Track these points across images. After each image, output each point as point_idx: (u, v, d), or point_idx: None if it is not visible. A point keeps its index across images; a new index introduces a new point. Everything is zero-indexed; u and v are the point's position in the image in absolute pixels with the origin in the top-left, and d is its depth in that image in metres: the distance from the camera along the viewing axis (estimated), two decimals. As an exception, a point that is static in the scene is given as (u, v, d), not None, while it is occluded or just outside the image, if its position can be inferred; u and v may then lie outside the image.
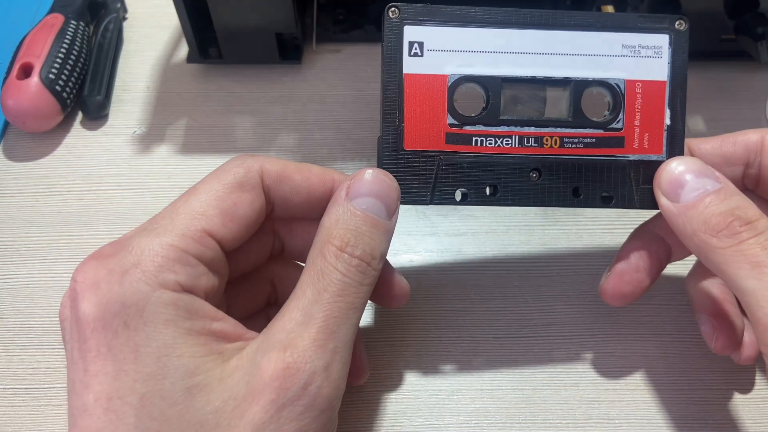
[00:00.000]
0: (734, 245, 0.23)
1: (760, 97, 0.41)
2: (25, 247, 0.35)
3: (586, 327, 0.32)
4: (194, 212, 0.23)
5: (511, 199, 0.26)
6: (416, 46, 0.25)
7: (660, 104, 0.26)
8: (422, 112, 0.26)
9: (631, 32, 0.26)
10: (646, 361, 0.31)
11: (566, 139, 0.26)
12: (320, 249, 0.24)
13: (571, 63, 0.26)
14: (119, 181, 0.38)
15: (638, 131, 0.26)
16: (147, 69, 0.43)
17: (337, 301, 0.23)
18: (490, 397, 0.30)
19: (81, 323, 0.22)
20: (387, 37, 0.25)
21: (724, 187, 0.24)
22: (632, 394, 0.30)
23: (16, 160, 0.39)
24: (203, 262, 0.23)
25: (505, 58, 0.26)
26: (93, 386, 0.21)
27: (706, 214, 0.24)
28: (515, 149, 0.26)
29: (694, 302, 0.30)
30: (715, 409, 0.30)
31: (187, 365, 0.21)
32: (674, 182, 0.25)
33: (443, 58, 0.26)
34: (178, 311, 0.22)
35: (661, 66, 0.26)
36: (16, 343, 0.32)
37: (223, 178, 0.24)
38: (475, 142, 0.26)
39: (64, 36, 0.39)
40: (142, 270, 0.22)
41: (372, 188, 0.25)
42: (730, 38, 0.40)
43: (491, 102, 0.26)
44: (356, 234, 0.24)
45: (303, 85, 0.42)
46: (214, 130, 0.40)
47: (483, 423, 0.30)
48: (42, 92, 0.38)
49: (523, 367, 0.31)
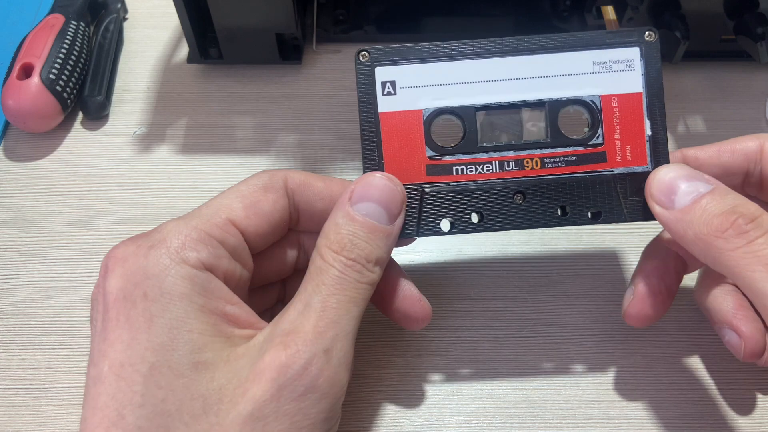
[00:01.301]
0: (744, 245, 0.22)
1: (760, 97, 0.41)
2: (26, 247, 0.35)
3: (586, 327, 0.32)
4: (220, 204, 0.25)
5: (498, 224, 0.26)
6: (388, 85, 0.26)
7: (639, 116, 0.26)
8: (401, 147, 0.26)
9: (600, 49, 0.26)
10: (646, 361, 0.31)
11: (547, 160, 0.26)
12: (319, 251, 0.25)
13: (544, 85, 0.26)
14: (120, 182, 0.38)
15: (619, 144, 0.26)
16: (147, 69, 0.43)
17: (334, 293, 0.24)
18: (490, 397, 0.30)
19: (106, 294, 0.23)
20: (360, 79, 0.26)
21: (716, 188, 0.24)
22: (632, 394, 0.30)
23: (16, 160, 0.39)
24: (225, 247, 0.25)
25: (478, 88, 0.26)
26: (108, 354, 0.22)
27: (706, 216, 0.23)
28: (496, 174, 0.26)
29: (710, 315, 0.29)
30: (715, 409, 0.30)
31: (195, 341, 0.22)
32: (666, 189, 0.25)
33: (416, 94, 0.26)
34: (194, 287, 0.23)
35: (635, 78, 0.26)
36: (16, 343, 0.32)
37: (249, 181, 0.26)
38: (456, 171, 0.27)
39: (65, 36, 0.40)
40: (167, 246, 0.23)
41: (374, 193, 0.25)
42: (730, 38, 0.40)
43: (468, 131, 0.26)
44: (352, 239, 0.24)
45: (303, 86, 0.42)
46: (214, 131, 0.40)
47: (483, 423, 0.30)
48: (42, 92, 0.38)
49: (523, 367, 0.31)
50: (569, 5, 0.45)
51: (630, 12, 0.40)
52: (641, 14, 0.39)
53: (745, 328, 0.27)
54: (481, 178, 0.26)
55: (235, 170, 0.38)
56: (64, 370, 0.31)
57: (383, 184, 0.25)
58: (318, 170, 0.38)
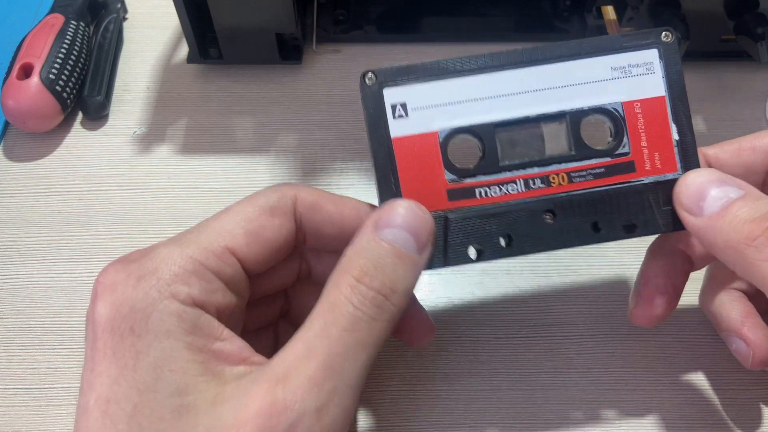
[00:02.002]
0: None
1: (760, 97, 0.41)
2: (25, 247, 0.35)
3: (586, 327, 0.32)
4: (221, 229, 0.23)
5: (529, 247, 0.25)
6: (399, 107, 0.24)
7: (664, 120, 0.25)
8: (418, 173, 0.24)
9: (617, 53, 0.25)
10: (646, 362, 0.31)
11: (574, 174, 0.25)
12: (336, 279, 0.22)
13: (563, 95, 0.25)
14: (119, 182, 0.38)
15: (647, 152, 0.25)
16: (147, 69, 0.43)
17: (344, 336, 0.21)
18: (490, 397, 0.30)
19: (95, 323, 0.22)
20: (367, 104, 0.24)
21: (749, 193, 0.23)
22: (632, 395, 0.30)
23: (16, 160, 0.39)
24: (221, 279, 0.23)
25: (494, 103, 0.25)
26: (95, 387, 0.21)
27: (736, 223, 0.22)
28: (522, 194, 0.25)
29: (717, 321, 0.29)
30: (715, 409, 0.30)
31: (179, 382, 0.21)
32: (694, 195, 0.24)
33: (430, 115, 0.25)
34: (181, 323, 0.21)
35: (656, 81, 0.25)
36: (16, 344, 0.32)
37: (255, 201, 0.24)
38: (479, 194, 0.25)
39: (65, 36, 0.39)
40: (158, 277, 0.22)
41: (403, 220, 0.23)
42: (730, 38, 0.40)
43: (487, 149, 0.25)
44: (377, 264, 0.22)
45: (303, 86, 0.42)
46: (214, 131, 0.40)
47: (483, 423, 0.30)
48: (42, 92, 0.38)
49: (523, 367, 0.31)
50: (569, 5, 0.45)
51: (630, 12, 0.40)
52: (641, 14, 0.39)
53: (753, 337, 0.27)
54: (507, 199, 0.25)
55: (235, 170, 0.38)
56: (64, 370, 0.31)
57: (411, 210, 0.23)
58: (318, 170, 0.38)
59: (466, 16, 0.45)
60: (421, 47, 0.44)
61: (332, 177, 0.38)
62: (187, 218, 0.36)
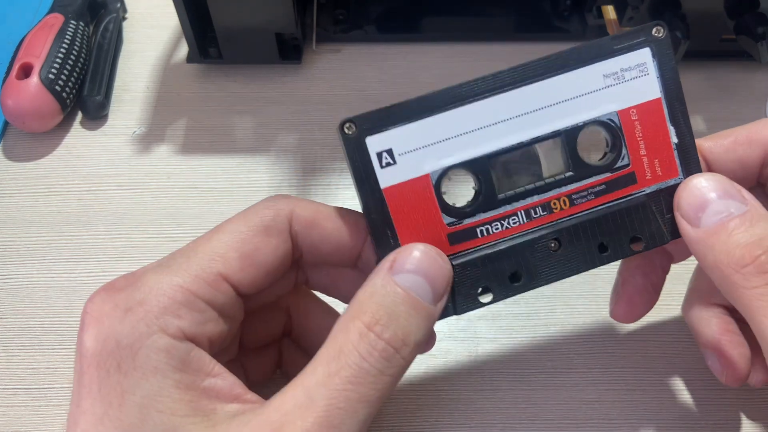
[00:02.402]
0: (762, 286, 0.20)
1: (760, 97, 0.41)
2: (25, 247, 0.35)
3: (586, 327, 0.32)
4: (213, 253, 0.22)
5: (541, 280, 0.23)
6: (386, 155, 0.22)
7: (662, 124, 0.24)
8: (415, 222, 0.23)
9: (608, 58, 0.23)
10: (646, 361, 0.31)
11: (575, 196, 0.24)
12: (345, 323, 0.21)
13: (555, 114, 0.23)
14: (119, 181, 0.38)
15: (647, 160, 0.24)
16: (147, 69, 0.43)
17: (347, 389, 0.20)
18: (490, 397, 0.30)
19: (82, 356, 0.21)
20: (351, 155, 0.22)
21: (750, 210, 0.22)
22: (632, 395, 0.30)
23: (15, 160, 0.39)
24: (214, 307, 0.22)
25: (484, 134, 0.23)
26: (80, 424, 0.20)
27: (729, 244, 0.21)
28: (525, 225, 0.23)
29: (696, 335, 0.28)
30: (715, 410, 0.30)
31: (165, 423, 0.20)
32: (695, 204, 0.23)
33: (418, 157, 0.23)
34: (170, 360, 0.20)
35: (651, 83, 0.23)
36: (16, 343, 0.32)
37: (249, 219, 0.23)
38: (481, 233, 0.23)
39: (64, 36, 0.39)
40: (146, 310, 0.21)
41: (420, 265, 0.22)
42: (730, 38, 0.40)
43: (484, 184, 0.23)
44: (390, 312, 0.21)
45: (303, 85, 0.42)
46: (214, 130, 0.40)
47: (483, 423, 0.30)
48: (42, 92, 0.37)
49: (523, 367, 0.31)
50: (569, 5, 0.44)
51: (630, 11, 0.40)
52: (641, 14, 0.39)
53: (729, 354, 0.27)
54: (510, 233, 0.23)
55: (235, 170, 0.38)
56: (63, 370, 0.31)
57: (431, 257, 0.22)
58: (318, 170, 0.38)
59: (466, 16, 0.45)
60: (421, 47, 0.44)
61: (332, 177, 0.38)
62: (187, 218, 0.36)
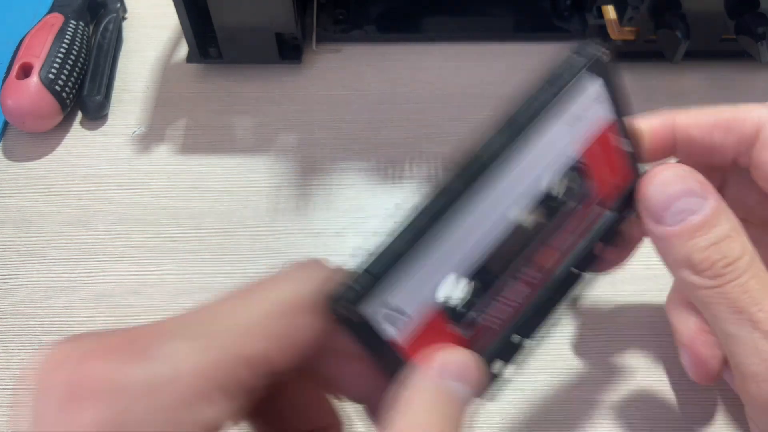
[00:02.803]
0: (717, 287, 0.21)
1: (760, 97, 0.41)
2: (25, 247, 0.35)
3: (586, 327, 0.32)
4: (248, 327, 0.17)
5: (548, 330, 0.24)
6: (394, 316, 0.19)
7: (617, 140, 0.23)
8: (429, 344, 0.20)
9: (563, 106, 0.21)
10: (647, 362, 0.31)
11: (560, 245, 0.23)
12: None
13: (531, 186, 0.21)
14: (119, 181, 0.38)
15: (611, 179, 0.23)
16: (147, 69, 0.43)
17: None
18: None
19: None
20: (359, 336, 0.19)
21: (712, 211, 0.22)
22: (632, 395, 0.30)
23: (15, 160, 0.39)
24: (245, 391, 0.17)
25: (473, 245, 0.21)
26: None
27: (689, 247, 0.22)
28: (529, 297, 0.23)
29: (673, 331, 0.29)
30: (715, 410, 0.30)
31: None
32: (659, 202, 0.22)
33: (423, 299, 0.20)
34: None
35: (605, 108, 0.22)
36: (15, 343, 0.32)
37: (286, 287, 0.19)
38: (483, 320, 0.22)
39: (64, 36, 0.39)
40: (178, 391, 0.15)
41: (463, 376, 0.20)
42: (730, 38, 0.40)
43: (482, 282, 0.21)
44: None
45: (303, 85, 0.42)
46: (214, 130, 0.40)
47: (483, 423, 0.30)
48: (41, 92, 0.37)
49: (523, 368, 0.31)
50: (569, 5, 0.44)
51: (630, 11, 0.40)
52: (641, 14, 0.39)
53: (701, 353, 0.27)
54: (520, 309, 0.23)
55: (235, 170, 0.38)
56: (63, 371, 0.31)
57: (473, 369, 0.20)
58: (318, 170, 0.38)
59: (466, 16, 0.45)
60: (421, 47, 0.44)
61: (332, 177, 0.38)
62: (187, 218, 0.36)
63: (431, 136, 0.40)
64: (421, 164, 0.38)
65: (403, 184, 0.37)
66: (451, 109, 0.41)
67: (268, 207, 0.37)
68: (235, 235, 0.35)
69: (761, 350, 0.21)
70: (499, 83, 0.42)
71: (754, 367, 0.21)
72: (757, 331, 0.21)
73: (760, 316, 0.21)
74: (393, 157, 0.39)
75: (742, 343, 0.21)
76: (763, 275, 0.21)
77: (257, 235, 0.35)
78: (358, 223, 0.36)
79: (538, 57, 0.43)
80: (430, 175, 0.38)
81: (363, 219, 0.36)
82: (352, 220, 0.36)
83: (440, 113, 0.41)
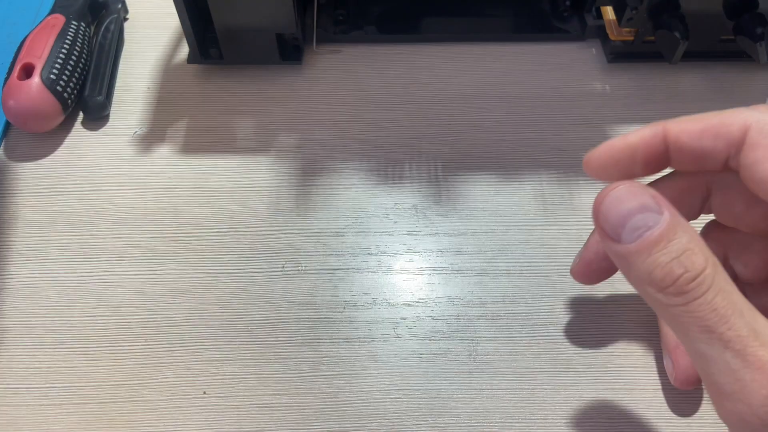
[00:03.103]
0: (682, 305, 0.21)
1: (760, 98, 0.41)
2: (26, 247, 0.35)
3: (586, 327, 0.32)
4: None
5: None
6: None
7: None
8: None
9: None
10: (646, 362, 0.31)
11: None
12: None
13: None
14: (120, 182, 0.38)
15: None
16: (148, 69, 0.43)
17: None
18: (490, 396, 0.30)
19: None
20: None
21: (666, 227, 0.21)
22: (632, 394, 0.30)
23: (17, 160, 0.39)
24: None
25: None
26: None
27: (649, 264, 0.21)
28: None
29: (660, 336, 0.30)
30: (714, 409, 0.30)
31: None
32: (614, 220, 0.22)
33: None
34: None
35: None
36: (16, 343, 0.32)
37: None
38: None
39: (65, 36, 0.40)
40: None
41: None
42: (729, 38, 0.40)
43: None
44: None
45: (303, 86, 0.42)
46: (214, 131, 0.40)
47: (483, 423, 0.30)
48: (43, 93, 0.38)
49: (523, 367, 0.31)
50: (569, 5, 0.45)
51: (629, 12, 0.40)
52: (640, 14, 0.39)
53: (682, 361, 0.29)
54: None
55: (236, 170, 0.38)
56: (64, 370, 0.31)
57: None
58: (318, 170, 0.38)
59: (466, 16, 0.45)
60: (421, 47, 0.44)
61: (332, 177, 0.38)
62: (188, 218, 0.36)
63: (431, 136, 0.40)
64: (421, 164, 0.38)
65: (403, 184, 0.38)
66: (451, 109, 0.41)
67: (269, 207, 0.37)
68: (235, 234, 0.36)
69: (735, 370, 0.20)
70: (499, 83, 0.42)
71: (729, 386, 0.20)
72: (728, 351, 0.20)
73: (730, 335, 0.20)
74: (393, 157, 0.39)
75: (715, 363, 0.20)
76: (728, 288, 0.21)
77: (258, 235, 0.36)
78: (358, 223, 0.36)
79: (537, 57, 0.44)
80: (430, 175, 0.38)
81: (363, 219, 0.36)
82: (352, 220, 0.36)
83: (440, 113, 0.41)
